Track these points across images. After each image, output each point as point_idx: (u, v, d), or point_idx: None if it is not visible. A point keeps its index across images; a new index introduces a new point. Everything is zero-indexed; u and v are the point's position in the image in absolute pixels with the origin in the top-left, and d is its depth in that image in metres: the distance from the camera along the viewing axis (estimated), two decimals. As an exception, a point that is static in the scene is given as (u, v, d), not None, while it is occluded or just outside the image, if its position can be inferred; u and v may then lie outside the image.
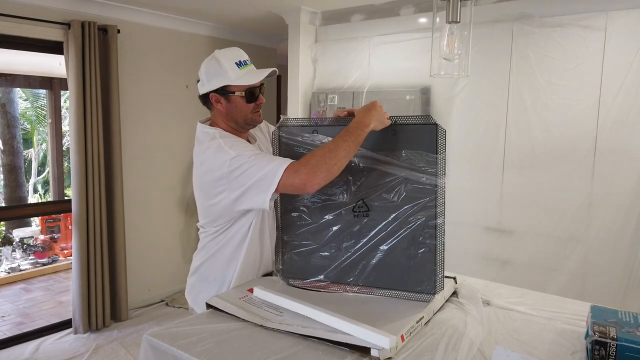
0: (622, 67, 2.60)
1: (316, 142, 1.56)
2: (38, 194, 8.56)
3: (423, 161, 1.48)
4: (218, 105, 1.62)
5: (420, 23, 3.34)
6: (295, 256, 1.65)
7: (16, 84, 6.51)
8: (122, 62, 3.71)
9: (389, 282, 1.53)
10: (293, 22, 3.80)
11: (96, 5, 3.51)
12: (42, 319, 4.06)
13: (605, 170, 2.68)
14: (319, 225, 1.60)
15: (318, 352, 1.24)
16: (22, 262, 5.44)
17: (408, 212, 1.50)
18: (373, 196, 1.53)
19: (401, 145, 1.49)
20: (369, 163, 1.53)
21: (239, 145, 1.55)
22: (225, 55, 1.60)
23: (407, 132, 1.50)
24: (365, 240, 1.54)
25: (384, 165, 1.51)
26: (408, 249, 1.50)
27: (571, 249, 2.80)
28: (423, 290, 1.49)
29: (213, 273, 1.73)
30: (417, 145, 1.48)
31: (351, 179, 1.55)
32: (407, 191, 1.50)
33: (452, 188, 3.24)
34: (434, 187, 1.49)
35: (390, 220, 1.51)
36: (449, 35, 1.68)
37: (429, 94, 3.29)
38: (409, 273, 1.50)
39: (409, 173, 1.49)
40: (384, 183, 1.52)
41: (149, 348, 1.37)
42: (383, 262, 1.52)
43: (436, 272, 1.49)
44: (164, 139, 4.00)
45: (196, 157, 1.64)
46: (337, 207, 1.57)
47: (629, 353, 1.14)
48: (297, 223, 1.63)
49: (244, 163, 1.47)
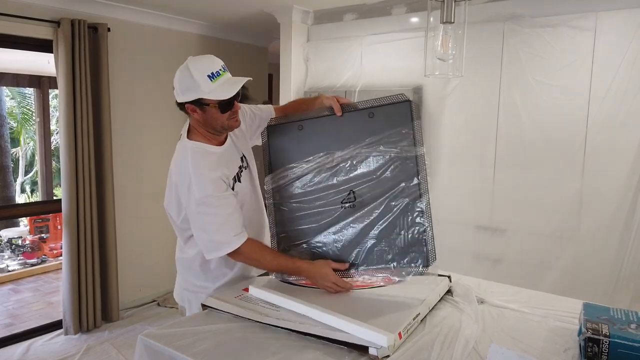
0: (611, 67, 2.63)
1: (303, 141, 1.66)
2: (25, 194, 8.46)
3: (399, 136, 1.55)
4: (194, 114, 1.62)
5: (412, 22, 3.35)
6: (292, 250, 1.69)
7: (3, 82, 6.43)
8: (113, 60, 3.67)
9: (384, 263, 1.57)
10: (285, 21, 3.80)
11: (86, 3, 3.47)
12: (31, 320, 4.01)
13: (595, 168, 2.71)
14: (312, 219, 1.66)
15: (317, 352, 1.24)
16: (11, 262, 5.38)
17: (394, 194, 1.55)
18: (360, 186, 1.60)
19: (379, 126, 1.57)
20: (351, 156, 1.61)
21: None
22: (197, 67, 1.55)
23: (383, 113, 1.57)
24: (357, 227, 1.59)
25: (366, 152, 1.59)
26: (399, 229, 1.55)
27: (562, 246, 2.84)
28: (418, 265, 1.54)
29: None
30: (394, 123, 1.55)
31: (338, 173, 1.62)
32: (391, 173, 1.56)
33: (444, 186, 3.29)
34: (415, 165, 1.54)
35: (377, 204, 1.57)
36: (443, 36, 1.69)
37: (421, 93, 3.30)
38: (402, 253, 1.55)
39: (389, 151, 1.56)
40: (369, 172, 1.59)
41: (144, 349, 1.36)
42: (376, 245, 1.57)
43: (427, 247, 1.53)
44: (155, 137, 3.97)
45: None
46: (328, 200, 1.64)
47: (622, 350, 1.16)
48: (291, 217, 1.69)
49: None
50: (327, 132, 1.67)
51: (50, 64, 3.45)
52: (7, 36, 3.21)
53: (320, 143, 1.67)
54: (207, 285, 1.71)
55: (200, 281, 1.73)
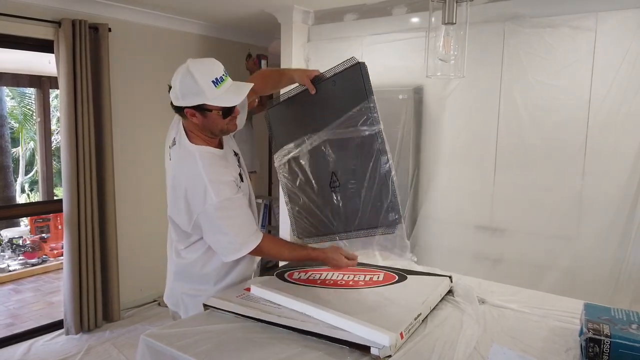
0: (612, 67, 2.63)
1: (292, 118, 1.84)
2: (26, 194, 8.46)
3: (360, 112, 1.64)
4: (193, 119, 1.59)
5: (412, 23, 3.35)
6: (302, 221, 1.90)
7: (4, 82, 6.43)
8: (113, 60, 3.67)
9: (369, 224, 1.69)
10: (286, 21, 3.80)
11: (87, 3, 3.48)
12: (32, 320, 4.01)
13: (595, 169, 2.71)
14: (312, 199, 1.84)
15: (318, 353, 1.25)
16: (11, 262, 5.38)
17: (363, 166, 1.67)
18: (338, 166, 1.74)
19: (340, 92, 1.68)
20: (325, 139, 1.74)
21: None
22: (200, 72, 1.52)
23: (343, 78, 1.67)
24: (341, 198, 1.76)
25: (335, 134, 1.71)
26: (373, 195, 1.67)
27: (562, 246, 2.84)
28: (394, 222, 1.64)
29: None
30: (352, 85, 1.65)
31: (324, 161, 1.77)
32: (357, 148, 1.68)
33: (444, 187, 3.29)
34: (376, 136, 1.63)
35: (351, 177, 1.72)
36: (444, 37, 1.69)
37: (421, 94, 3.31)
38: (380, 213, 1.66)
39: (353, 131, 1.66)
40: (343, 154, 1.73)
41: (146, 349, 1.36)
42: (358, 212, 1.71)
43: (397, 204, 1.63)
44: (156, 137, 3.96)
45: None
46: (321, 185, 1.81)
47: (623, 350, 1.16)
48: (298, 197, 1.89)
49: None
50: (306, 106, 1.79)
51: (51, 64, 3.46)
52: (7, 36, 3.21)
53: (306, 118, 1.80)
54: (206, 288, 1.70)
55: (199, 284, 1.72)
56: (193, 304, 1.69)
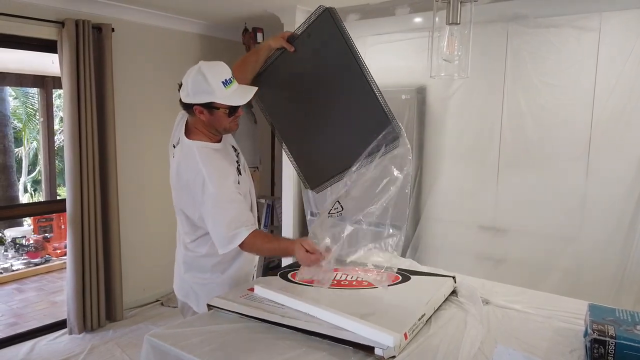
0: (616, 67, 2.62)
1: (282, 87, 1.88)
2: (29, 194, 8.48)
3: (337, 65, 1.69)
4: (201, 116, 1.69)
5: (415, 23, 3.35)
6: (307, 171, 1.94)
7: (7, 82, 6.45)
8: (117, 60, 3.68)
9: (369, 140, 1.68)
10: (288, 21, 3.79)
11: (90, 3, 3.48)
12: (35, 320, 4.02)
13: (598, 169, 2.71)
14: (314, 145, 1.89)
15: (322, 353, 1.25)
16: (15, 262, 5.39)
17: (344, 93, 1.73)
18: (326, 107, 1.79)
19: (316, 41, 1.70)
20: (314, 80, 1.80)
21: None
22: (212, 73, 1.64)
23: (316, 29, 1.70)
24: (333, 133, 1.80)
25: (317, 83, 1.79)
26: (360, 115, 1.73)
27: (565, 247, 2.83)
28: (392, 135, 1.65)
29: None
30: (325, 33, 1.67)
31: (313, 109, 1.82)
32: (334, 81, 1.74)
33: (447, 187, 3.29)
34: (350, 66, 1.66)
35: (338, 109, 1.77)
36: (448, 37, 1.69)
37: (424, 94, 3.30)
38: (374, 126, 1.68)
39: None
40: (329, 97, 1.78)
41: (151, 349, 1.37)
42: (354, 137, 1.74)
43: (389, 113, 1.68)
44: (159, 136, 3.97)
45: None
46: (314, 129, 1.85)
47: (628, 351, 1.16)
48: (305, 149, 1.93)
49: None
50: (294, 76, 1.83)
51: (54, 64, 3.46)
52: (11, 36, 3.21)
53: (296, 83, 1.84)
54: (216, 276, 1.79)
55: (209, 274, 1.81)
56: (203, 292, 1.78)
